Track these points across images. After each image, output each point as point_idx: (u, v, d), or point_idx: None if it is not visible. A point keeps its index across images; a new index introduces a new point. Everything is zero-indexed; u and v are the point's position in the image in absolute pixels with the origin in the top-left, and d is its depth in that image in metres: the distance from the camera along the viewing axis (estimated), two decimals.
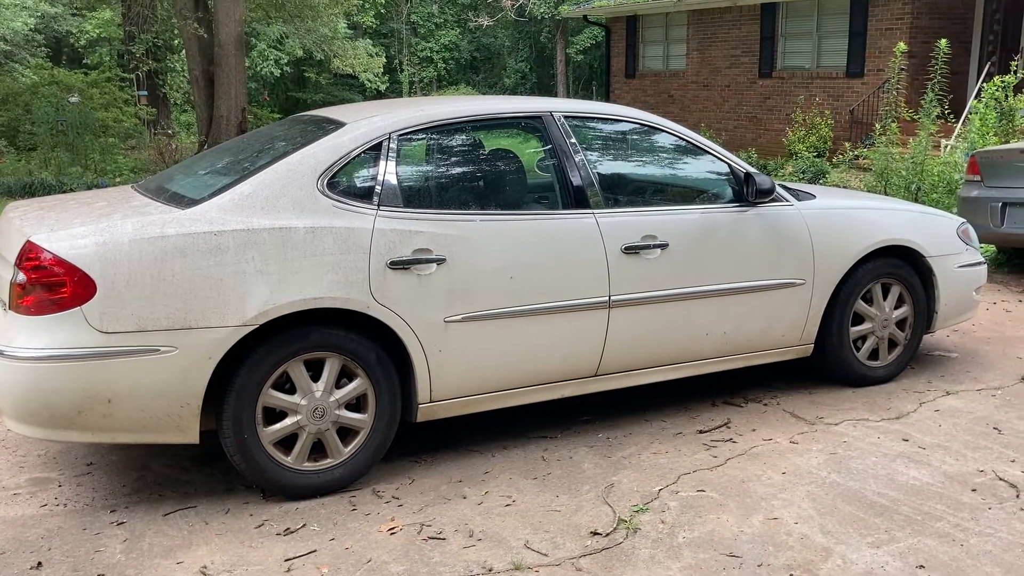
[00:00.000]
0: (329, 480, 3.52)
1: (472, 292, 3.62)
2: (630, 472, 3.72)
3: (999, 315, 6.22)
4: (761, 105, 17.39)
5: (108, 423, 3.21)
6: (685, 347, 4.18)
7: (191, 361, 3.21)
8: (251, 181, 3.46)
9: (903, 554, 3.05)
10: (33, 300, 3.14)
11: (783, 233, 4.32)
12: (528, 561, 3.02)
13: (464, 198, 3.81)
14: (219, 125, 14.44)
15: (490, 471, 3.75)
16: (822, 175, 12.79)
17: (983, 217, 6.98)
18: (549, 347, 3.82)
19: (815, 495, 3.49)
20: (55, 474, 3.77)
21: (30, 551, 3.12)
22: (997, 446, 3.94)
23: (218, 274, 3.24)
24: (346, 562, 3.03)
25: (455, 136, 3.94)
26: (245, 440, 3.36)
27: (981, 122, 9.44)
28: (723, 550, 3.09)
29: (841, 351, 4.60)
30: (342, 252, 3.41)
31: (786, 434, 4.10)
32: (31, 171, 13.57)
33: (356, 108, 4.22)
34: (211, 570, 2.98)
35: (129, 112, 17.45)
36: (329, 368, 3.47)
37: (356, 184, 3.59)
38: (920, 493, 3.50)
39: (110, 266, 3.14)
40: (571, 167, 3.95)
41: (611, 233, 3.90)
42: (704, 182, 4.36)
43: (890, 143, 9.83)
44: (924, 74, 10.29)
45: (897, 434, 4.09)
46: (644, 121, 4.30)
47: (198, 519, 3.35)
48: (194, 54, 14.93)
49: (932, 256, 4.73)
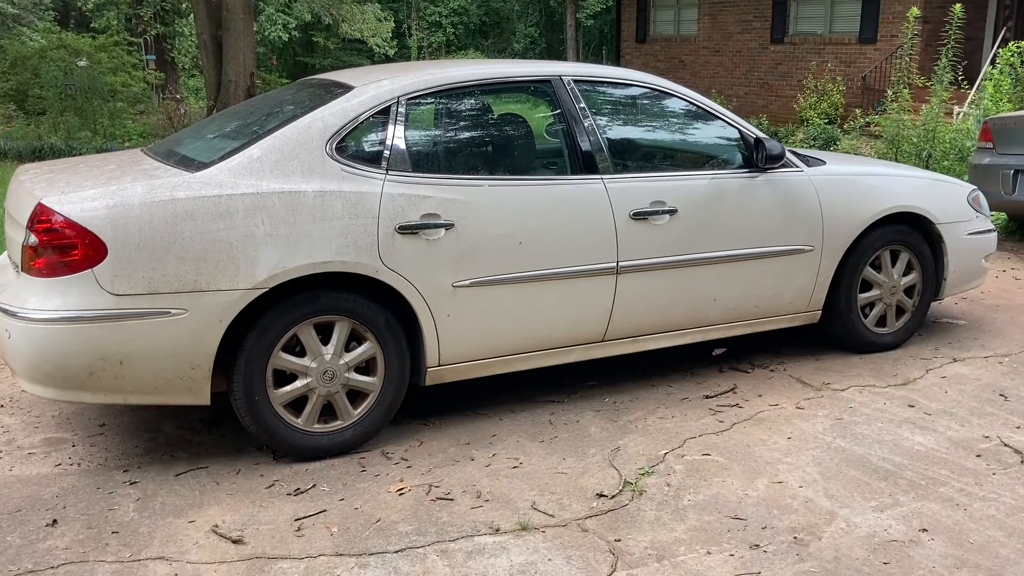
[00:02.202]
0: (339, 442, 3.57)
1: (480, 257, 3.63)
2: (636, 436, 3.75)
3: (1008, 283, 6.21)
4: (773, 71, 17.24)
5: (120, 384, 3.24)
6: (692, 313, 4.19)
7: (202, 324, 3.24)
8: (260, 145, 3.46)
9: (906, 517, 3.08)
10: (45, 262, 3.17)
11: (792, 199, 4.31)
12: (535, 522, 3.06)
13: (473, 163, 3.81)
14: (227, 90, 14.40)
15: (497, 434, 3.78)
16: (833, 142, 12.70)
17: (994, 184, 6.94)
18: (556, 312, 3.84)
19: (820, 460, 3.51)
20: (69, 434, 3.82)
21: (45, 509, 3.17)
22: (1003, 412, 3.96)
23: (228, 237, 3.25)
24: (355, 522, 3.08)
25: (463, 100, 3.93)
26: (256, 402, 3.39)
27: (995, 88, 9.35)
28: (728, 513, 3.12)
29: (849, 318, 4.60)
30: (351, 216, 3.42)
31: (792, 400, 4.12)
32: (40, 135, 13.58)
33: (364, 72, 4.20)
34: (222, 529, 3.03)
35: (138, 76, 17.40)
36: (338, 331, 3.50)
37: (365, 148, 3.59)
38: (925, 458, 3.52)
39: (121, 229, 3.15)
40: (580, 132, 3.94)
41: (620, 198, 3.90)
42: (714, 148, 4.34)
43: (902, 110, 9.75)
44: (938, 40, 10.18)
45: (903, 400, 4.10)
46: (654, 85, 4.28)
47: (209, 479, 3.40)
48: (202, 18, 14.85)
49: (941, 223, 4.71)
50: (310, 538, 2.98)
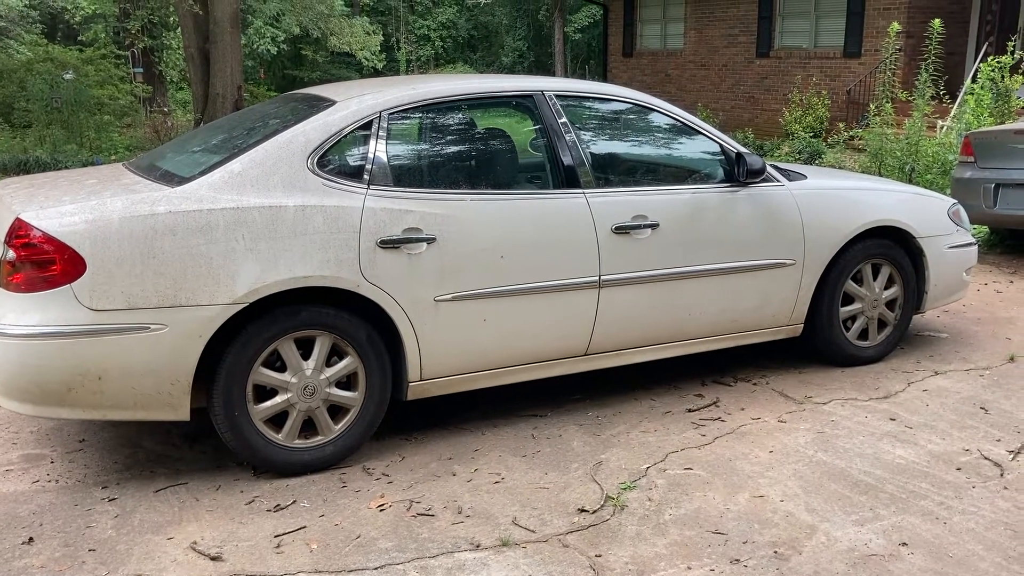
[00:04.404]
0: (319, 457, 3.55)
1: (462, 271, 3.63)
2: (618, 450, 3.74)
3: (990, 296, 6.25)
4: (758, 85, 17.34)
5: (98, 400, 3.22)
6: (675, 327, 4.19)
7: (181, 339, 3.23)
8: (241, 159, 3.46)
9: (887, 531, 3.08)
10: (23, 278, 3.15)
11: (774, 213, 4.33)
12: (516, 537, 3.05)
13: (455, 177, 3.81)
14: (215, 103, 14.39)
15: (480, 449, 3.78)
16: (818, 155, 12.77)
17: (976, 198, 6.99)
18: (539, 326, 3.84)
19: (801, 473, 3.52)
20: (47, 450, 3.79)
21: (22, 527, 3.14)
22: (983, 425, 3.98)
23: (208, 252, 3.25)
24: (335, 538, 3.06)
25: (446, 115, 3.94)
26: (236, 417, 3.38)
27: (976, 103, 9.43)
28: (709, 527, 3.12)
29: (830, 331, 4.62)
30: (332, 231, 3.41)
31: (774, 413, 4.13)
32: (26, 148, 13.51)
33: (347, 86, 4.21)
34: (201, 546, 3.01)
35: (125, 89, 17.39)
36: (319, 346, 3.49)
37: (346, 163, 3.59)
38: (905, 472, 3.53)
39: (100, 244, 3.14)
40: (562, 146, 3.95)
41: (601, 213, 3.91)
42: (695, 162, 4.36)
43: (885, 124, 9.82)
44: (921, 55, 10.25)
45: (884, 413, 4.12)
46: (636, 101, 4.30)
47: (189, 495, 3.38)
48: (189, 31, 14.85)
49: (922, 237, 4.74)
50: (289, 555, 2.96)
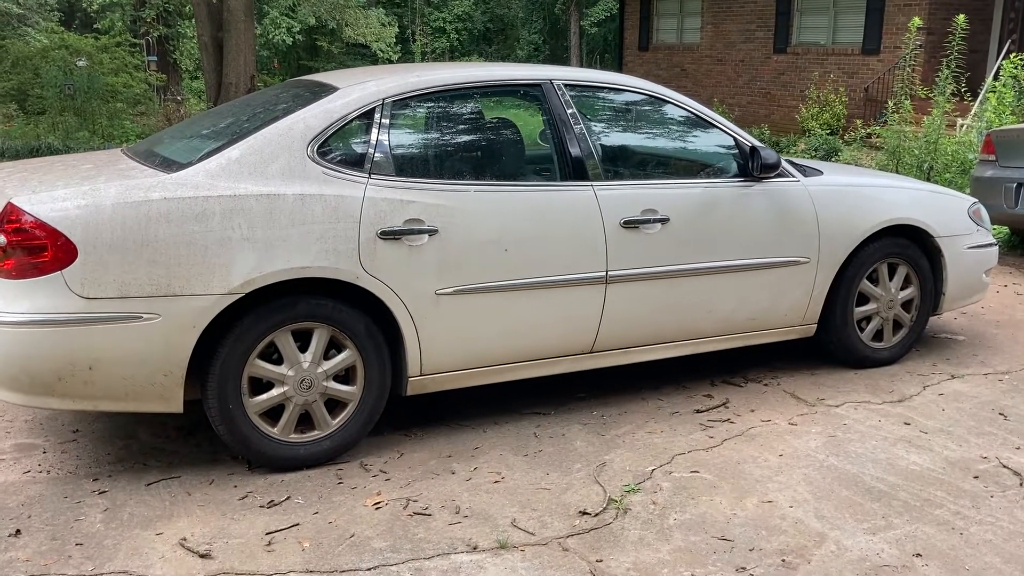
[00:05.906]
0: (316, 452, 3.46)
1: (465, 264, 3.53)
2: (623, 451, 3.64)
3: (1010, 298, 6.10)
4: (775, 81, 17.14)
5: (89, 390, 3.14)
6: (684, 325, 4.08)
7: (175, 329, 3.14)
8: (239, 146, 3.37)
9: (900, 541, 2.97)
10: (14, 264, 3.07)
11: (788, 210, 4.20)
12: (514, 540, 2.96)
13: (458, 167, 3.71)
14: (228, 92, 14.30)
15: (480, 447, 3.68)
16: (834, 153, 12.61)
17: (997, 197, 6.83)
18: (543, 322, 3.74)
19: (812, 479, 3.41)
20: (40, 440, 3.72)
21: (10, 519, 3.07)
22: (1002, 432, 3.85)
23: (203, 241, 3.16)
24: (328, 537, 2.97)
25: (450, 103, 3.83)
26: (230, 410, 3.29)
27: (998, 101, 9.25)
28: (715, 533, 3.01)
29: (845, 332, 4.50)
30: (331, 221, 3.32)
31: (785, 415, 4.02)
32: (39, 135, 13.51)
33: (351, 73, 4.11)
34: (190, 542, 2.92)
35: (139, 78, 17.34)
36: (317, 339, 3.40)
37: (347, 151, 3.49)
38: (920, 479, 3.41)
39: (92, 230, 3.06)
40: (570, 137, 3.84)
41: (610, 206, 3.80)
42: (708, 156, 4.24)
43: (903, 121, 9.65)
44: (942, 51, 10.07)
45: (899, 418, 4.00)
46: (647, 91, 4.18)
47: (181, 489, 3.29)
48: (203, 19, 14.76)
49: (941, 236, 4.61)
50: (280, 553, 2.87)
